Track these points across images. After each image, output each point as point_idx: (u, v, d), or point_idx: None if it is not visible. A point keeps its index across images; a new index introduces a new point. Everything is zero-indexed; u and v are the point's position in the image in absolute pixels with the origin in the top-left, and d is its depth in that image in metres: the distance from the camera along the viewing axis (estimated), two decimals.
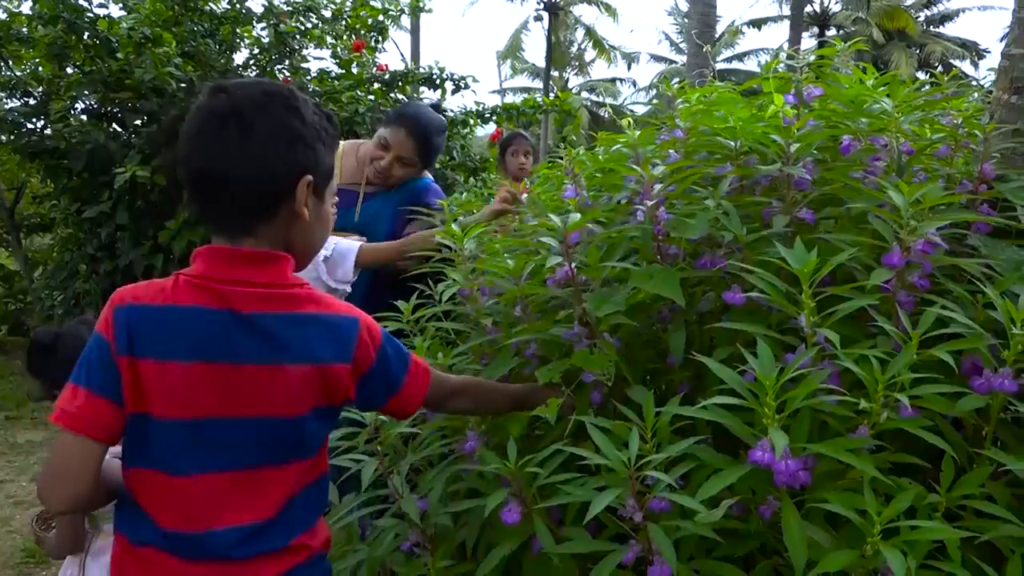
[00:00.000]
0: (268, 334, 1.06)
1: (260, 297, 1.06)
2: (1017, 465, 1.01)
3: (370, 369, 1.13)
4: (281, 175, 1.08)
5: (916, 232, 1.20)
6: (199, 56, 5.22)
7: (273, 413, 1.07)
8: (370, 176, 2.48)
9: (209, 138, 1.07)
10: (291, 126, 1.08)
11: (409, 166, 2.44)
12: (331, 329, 1.10)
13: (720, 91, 1.86)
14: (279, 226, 1.10)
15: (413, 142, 2.41)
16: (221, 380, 1.05)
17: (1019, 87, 1.49)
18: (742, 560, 1.13)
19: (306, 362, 1.07)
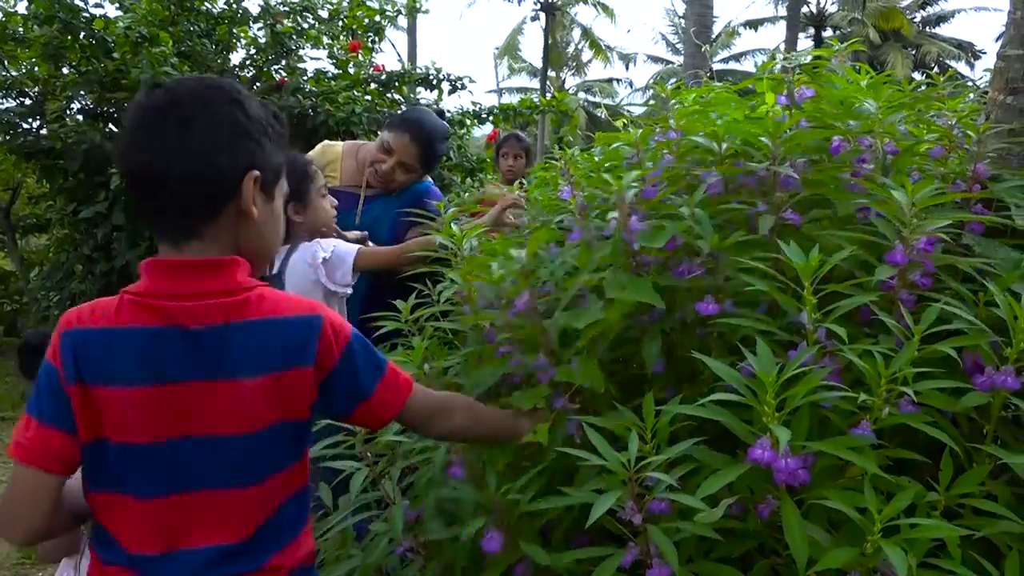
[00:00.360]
0: (218, 348, 1.00)
1: (207, 309, 1.00)
2: (1017, 461, 1.01)
3: (333, 369, 1.07)
4: (225, 170, 1.02)
5: (918, 230, 1.20)
6: (195, 56, 5.21)
7: (232, 431, 1.02)
8: (371, 180, 2.48)
9: (147, 132, 1.01)
10: (235, 120, 1.03)
11: (411, 172, 2.45)
12: (288, 332, 1.04)
13: (716, 92, 1.86)
14: (227, 227, 1.04)
15: (416, 148, 2.41)
16: (173, 401, 1.00)
17: (1015, 88, 1.50)
18: (740, 560, 1.13)
19: (261, 373, 1.02)
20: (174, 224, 1.03)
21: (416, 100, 5.98)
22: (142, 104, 1.04)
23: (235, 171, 1.02)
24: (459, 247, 1.68)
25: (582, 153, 2.02)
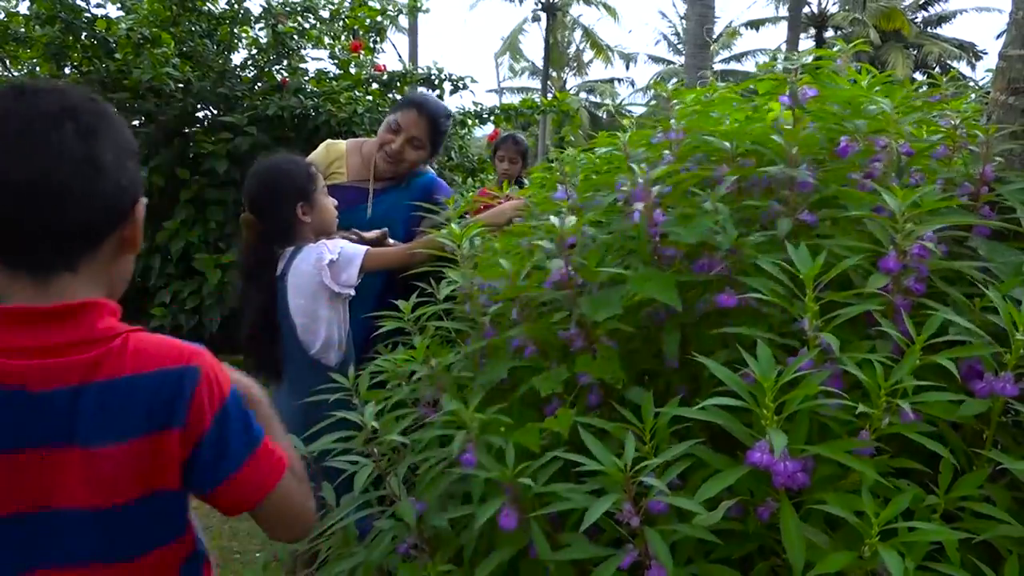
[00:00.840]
0: (70, 413, 0.86)
1: (58, 369, 0.86)
2: (1016, 465, 1.01)
3: (203, 435, 0.91)
4: (124, 190, 0.90)
5: (911, 236, 1.20)
6: (197, 56, 5.22)
7: (91, 504, 0.88)
8: (380, 163, 2.48)
9: (39, 140, 0.85)
10: (129, 139, 0.93)
11: (420, 148, 2.47)
12: (154, 391, 0.89)
13: (717, 92, 1.86)
14: (103, 259, 0.92)
15: (424, 122, 2.44)
16: (21, 470, 0.86)
17: (1016, 88, 1.49)
18: (739, 562, 1.13)
19: (120, 441, 0.88)
20: (49, 253, 0.88)
21: None
22: (25, 106, 0.86)
23: (130, 194, 0.92)
24: (460, 246, 1.69)
25: (585, 153, 2.03)
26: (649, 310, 1.43)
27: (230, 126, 5.05)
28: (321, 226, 2.14)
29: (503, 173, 3.83)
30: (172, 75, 4.91)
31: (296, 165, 2.15)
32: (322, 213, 2.14)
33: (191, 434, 0.91)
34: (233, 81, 5.30)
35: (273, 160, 2.19)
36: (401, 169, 2.50)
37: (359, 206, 2.47)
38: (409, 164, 2.49)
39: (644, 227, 1.39)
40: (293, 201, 2.08)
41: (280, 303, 2.05)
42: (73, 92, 0.91)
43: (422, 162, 2.54)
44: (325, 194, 2.17)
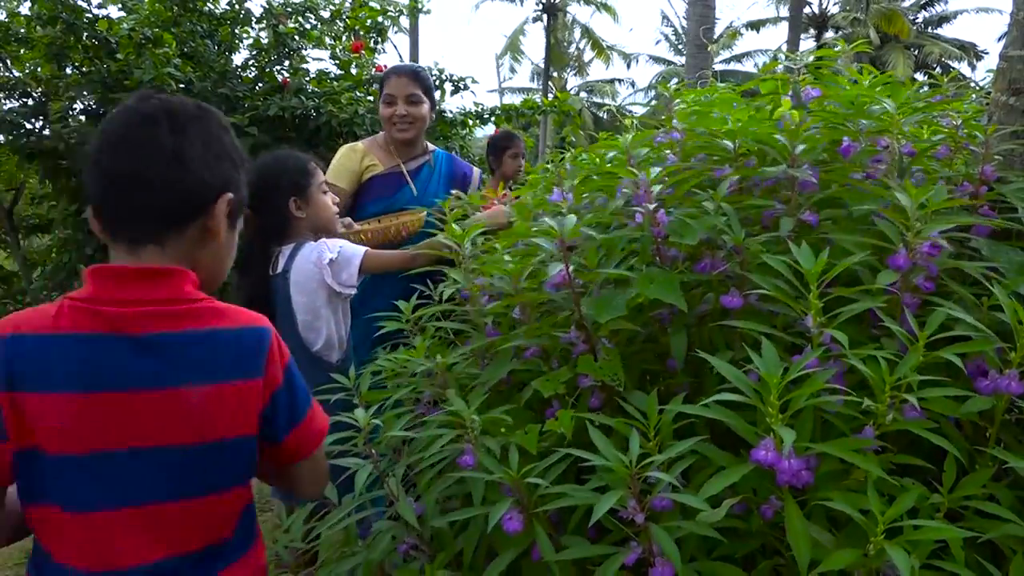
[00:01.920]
0: (164, 356, 0.98)
1: (154, 316, 0.98)
2: (1020, 464, 1.01)
3: (278, 387, 1.05)
4: (207, 185, 1.04)
5: (921, 234, 1.20)
6: (198, 57, 5.22)
7: (179, 441, 0.99)
8: (396, 135, 2.65)
9: (138, 136, 1.01)
10: (222, 140, 1.07)
11: (420, 103, 2.63)
12: (238, 343, 1.02)
13: (718, 92, 1.86)
14: (189, 242, 1.05)
15: (407, 78, 2.63)
16: (114, 410, 0.96)
17: (1017, 88, 1.49)
18: (742, 560, 1.13)
19: (210, 382, 1.00)
20: (142, 227, 1.02)
21: None
22: (131, 109, 1.03)
23: (214, 189, 1.05)
24: (461, 247, 1.69)
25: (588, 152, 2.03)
26: (653, 312, 1.43)
27: (231, 127, 5.05)
28: (318, 223, 2.13)
29: (518, 169, 3.75)
30: (174, 75, 4.91)
31: (292, 159, 2.14)
32: (318, 210, 2.12)
33: (270, 385, 1.04)
34: (234, 82, 5.30)
35: (272, 155, 2.19)
36: (415, 130, 2.64)
37: (404, 187, 2.66)
38: (420, 121, 2.64)
39: (647, 228, 1.39)
40: (286, 195, 2.08)
41: (281, 300, 2.05)
42: (179, 99, 1.07)
43: (430, 115, 2.69)
44: (324, 191, 2.14)
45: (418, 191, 2.69)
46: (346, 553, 1.44)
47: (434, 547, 1.34)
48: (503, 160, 3.79)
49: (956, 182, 1.46)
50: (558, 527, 1.26)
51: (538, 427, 1.22)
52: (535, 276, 1.49)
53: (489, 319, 1.63)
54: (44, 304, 1.00)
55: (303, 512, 1.60)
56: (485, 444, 1.26)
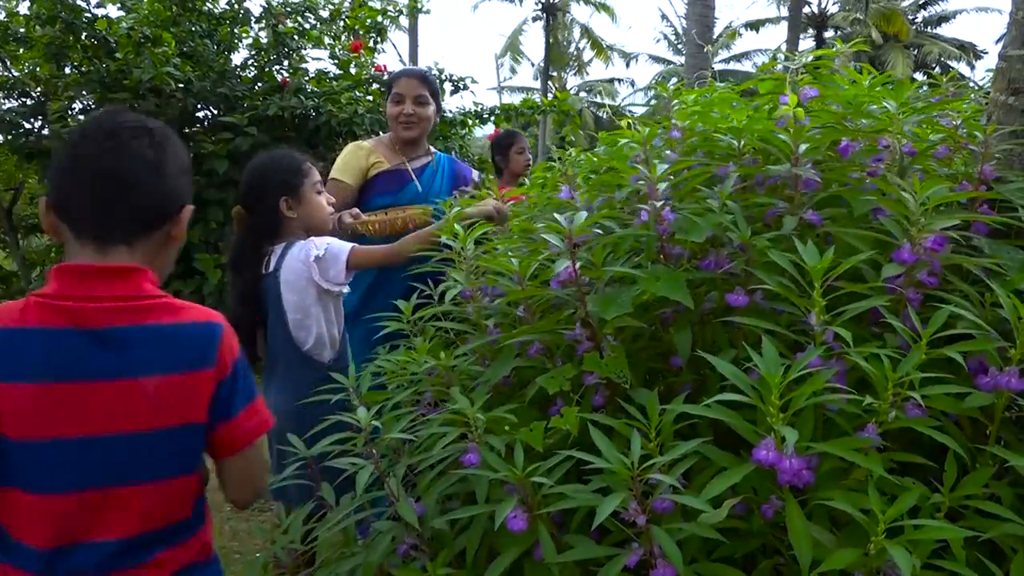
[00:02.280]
0: (121, 348, 1.06)
1: (112, 311, 1.07)
2: (1021, 463, 1.01)
3: (225, 378, 1.14)
4: (178, 195, 1.16)
5: (926, 229, 1.20)
6: (197, 57, 5.22)
7: (135, 428, 1.07)
8: (402, 133, 2.74)
9: (127, 143, 1.11)
10: (186, 159, 1.20)
11: (427, 104, 2.73)
12: (191, 336, 1.12)
13: (717, 92, 1.86)
14: (154, 245, 1.15)
15: (417, 80, 2.75)
16: (73, 399, 1.05)
17: (1016, 88, 1.49)
18: (742, 560, 1.13)
19: (164, 372, 1.08)
20: (115, 229, 1.11)
21: None
22: (117, 119, 1.14)
23: (181, 199, 1.17)
24: (462, 247, 1.68)
25: (585, 153, 2.03)
26: (658, 311, 1.43)
27: (230, 126, 5.05)
28: (310, 223, 2.12)
29: (526, 164, 3.74)
30: (173, 75, 4.91)
31: (287, 159, 2.13)
32: (311, 209, 2.11)
33: (220, 374, 1.12)
34: (233, 81, 5.31)
35: (268, 154, 2.19)
36: (420, 130, 2.74)
37: (409, 183, 2.74)
38: (425, 121, 2.74)
39: (652, 225, 1.39)
40: (277, 195, 2.07)
41: (272, 299, 2.05)
42: (149, 119, 1.17)
43: (435, 119, 2.79)
44: (317, 191, 2.13)
45: (423, 188, 2.77)
46: (345, 554, 1.43)
47: (434, 547, 1.34)
48: (510, 157, 3.77)
49: (956, 181, 1.47)
50: (561, 527, 1.26)
51: (543, 424, 1.22)
52: (539, 274, 1.48)
53: (491, 320, 1.62)
54: (9, 302, 1.09)
55: (302, 513, 1.60)
56: (489, 442, 1.26)
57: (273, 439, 1.96)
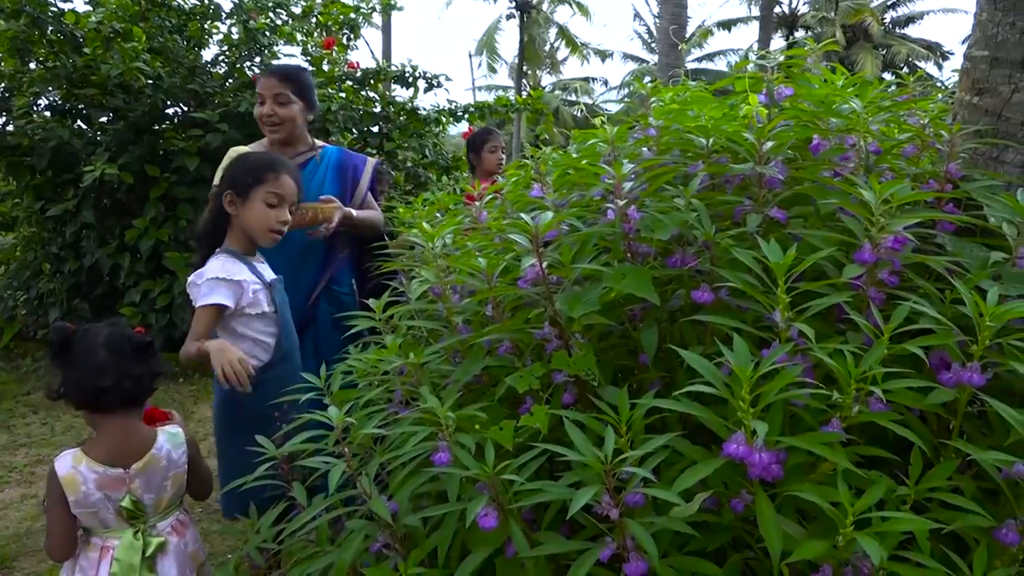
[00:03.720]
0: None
1: None
2: (983, 456, 1.03)
3: None
4: None
5: (886, 229, 1.22)
6: (167, 52, 5.15)
7: None
8: (267, 135, 2.62)
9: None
10: None
11: (289, 103, 2.60)
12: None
13: (692, 90, 1.87)
14: None
15: (277, 79, 2.60)
16: None
17: (981, 88, 1.52)
18: (713, 554, 1.14)
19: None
20: None
21: (391, 98, 5.95)
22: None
23: None
24: (431, 245, 1.68)
25: (558, 151, 2.03)
26: (626, 308, 1.44)
27: (201, 123, 4.99)
28: (248, 229, 2.05)
29: (499, 162, 3.74)
30: (143, 70, 4.84)
31: (263, 161, 2.09)
32: (250, 216, 2.03)
33: None
34: (204, 77, 5.24)
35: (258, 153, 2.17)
36: (286, 131, 2.61)
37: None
38: (289, 121, 2.60)
39: (618, 224, 1.40)
40: (225, 185, 2.05)
41: None
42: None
43: (303, 116, 2.65)
44: (269, 203, 2.03)
45: (308, 187, 2.58)
46: (317, 553, 1.42)
47: (407, 546, 1.33)
48: (483, 155, 3.77)
49: (922, 180, 1.49)
50: (532, 524, 1.26)
51: (513, 423, 1.22)
52: (508, 273, 1.48)
53: (460, 318, 1.62)
54: None
55: (273, 513, 1.58)
56: (460, 441, 1.26)
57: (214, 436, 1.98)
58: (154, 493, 1.70)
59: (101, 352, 1.65)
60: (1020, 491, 1.04)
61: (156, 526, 1.71)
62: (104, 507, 1.64)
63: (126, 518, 1.66)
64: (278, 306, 2.08)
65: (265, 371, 2.00)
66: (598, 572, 1.09)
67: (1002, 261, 1.26)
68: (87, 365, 1.64)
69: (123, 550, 1.65)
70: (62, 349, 1.67)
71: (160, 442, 1.72)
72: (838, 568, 1.02)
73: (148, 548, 1.67)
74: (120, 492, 1.65)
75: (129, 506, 1.65)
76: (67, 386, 1.67)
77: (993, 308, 1.08)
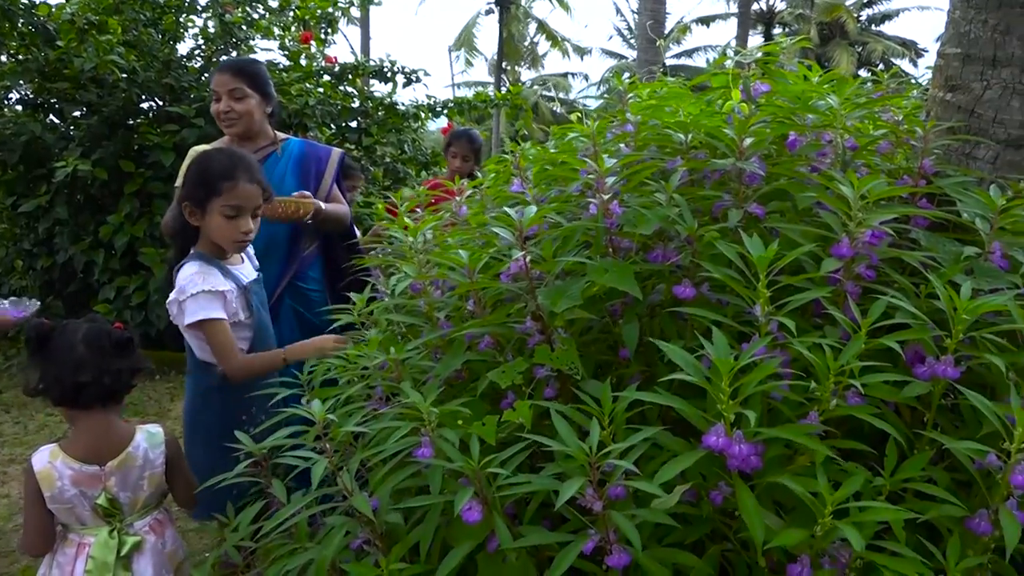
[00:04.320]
0: None
1: None
2: (956, 445, 1.05)
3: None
4: None
5: (864, 224, 1.23)
6: (141, 46, 5.08)
7: None
8: (226, 132, 2.58)
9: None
10: None
11: (245, 97, 2.56)
12: None
13: (670, 87, 1.88)
14: None
15: (231, 74, 2.55)
16: None
17: (953, 85, 1.54)
18: (691, 546, 1.16)
19: None
20: None
21: (370, 93, 5.92)
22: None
23: None
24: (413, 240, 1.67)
25: (537, 147, 2.03)
26: (607, 303, 1.45)
27: (176, 117, 4.93)
28: (214, 239, 1.97)
29: (455, 170, 3.81)
30: (117, 63, 4.77)
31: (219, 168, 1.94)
32: (211, 229, 1.95)
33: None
34: (179, 71, 5.17)
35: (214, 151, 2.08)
36: (243, 125, 2.57)
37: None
38: (247, 115, 2.56)
39: (601, 219, 1.40)
40: (183, 196, 1.96)
41: None
42: None
43: (261, 110, 2.61)
44: (226, 215, 1.93)
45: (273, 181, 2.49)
46: (297, 550, 1.41)
47: (388, 542, 1.33)
48: (447, 158, 3.90)
49: (897, 175, 1.51)
50: (514, 518, 1.27)
51: (496, 418, 1.22)
52: (490, 268, 1.48)
53: (441, 313, 1.62)
54: None
55: (252, 510, 1.57)
56: (443, 436, 1.26)
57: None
58: (130, 491, 1.68)
59: (80, 348, 1.63)
60: (992, 481, 1.06)
61: (133, 525, 1.70)
62: (80, 504, 1.63)
63: (102, 516, 1.65)
64: (254, 310, 2.04)
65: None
66: (581, 564, 1.09)
67: (975, 256, 1.29)
68: (66, 361, 1.62)
69: (98, 548, 1.64)
70: (40, 345, 1.65)
71: (137, 440, 1.70)
72: (815, 558, 1.03)
73: (123, 547, 1.65)
74: (95, 489, 1.64)
75: (105, 504, 1.64)
76: (45, 382, 1.65)
77: (967, 302, 1.10)
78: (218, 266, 1.97)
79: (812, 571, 1.02)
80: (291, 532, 1.46)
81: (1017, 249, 1.33)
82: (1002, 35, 1.47)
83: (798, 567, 1.02)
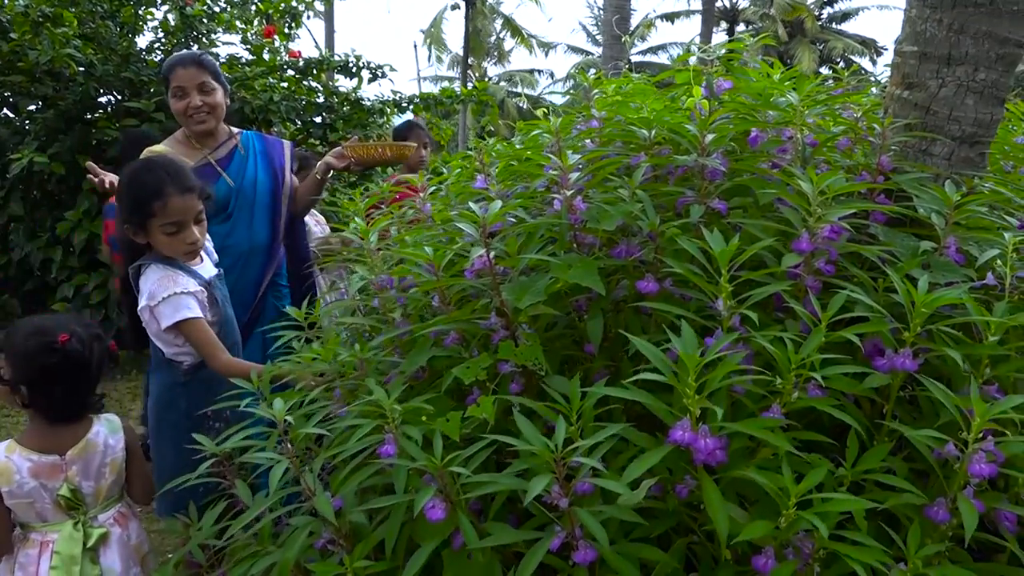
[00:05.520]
0: None
1: None
2: (915, 434, 1.07)
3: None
4: None
5: (823, 219, 1.25)
6: (99, 39, 4.96)
7: None
8: (195, 128, 2.52)
9: None
10: None
11: (212, 90, 2.53)
12: None
13: (635, 83, 1.89)
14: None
15: (197, 68, 2.50)
16: None
17: (910, 83, 1.57)
18: (656, 540, 1.16)
19: None
20: None
21: (335, 88, 5.86)
22: None
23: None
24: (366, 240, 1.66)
25: (502, 143, 2.03)
26: (572, 299, 1.45)
27: (136, 112, 4.84)
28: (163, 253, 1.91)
29: (420, 160, 3.72)
30: (74, 57, 4.66)
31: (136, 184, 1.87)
32: (157, 242, 1.88)
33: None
34: (139, 65, 5.07)
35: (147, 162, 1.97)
36: (215, 119, 2.53)
37: (218, 180, 2.51)
38: (218, 108, 2.54)
39: (564, 215, 1.40)
40: (123, 220, 1.88)
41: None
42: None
43: (226, 101, 2.59)
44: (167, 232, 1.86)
45: (234, 179, 2.55)
46: (260, 552, 1.40)
47: (352, 541, 1.32)
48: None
49: (856, 172, 1.53)
50: (478, 515, 1.26)
51: (460, 414, 1.21)
52: (454, 264, 1.48)
53: (398, 312, 1.61)
54: None
55: (216, 510, 1.55)
56: (407, 433, 1.25)
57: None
58: (92, 480, 1.65)
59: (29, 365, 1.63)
60: (950, 471, 1.08)
61: (97, 518, 1.67)
62: (40, 497, 1.59)
63: (65, 508, 1.62)
64: (220, 305, 2.01)
65: (201, 369, 1.94)
66: (548, 560, 1.10)
67: (931, 250, 1.31)
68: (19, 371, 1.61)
69: (63, 542, 1.60)
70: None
71: (96, 428, 1.68)
72: (779, 549, 1.05)
73: (89, 539, 1.62)
74: (56, 480, 1.60)
75: (67, 494, 1.61)
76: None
77: (924, 296, 1.12)
78: (179, 267, 1.93)
79: (776, 562, 1.03)
80: (256, 533, 1.45)
81: (971, 243, 1.36)
82: (956, 34, 1.50)
83: (763, 558, 1.03)
